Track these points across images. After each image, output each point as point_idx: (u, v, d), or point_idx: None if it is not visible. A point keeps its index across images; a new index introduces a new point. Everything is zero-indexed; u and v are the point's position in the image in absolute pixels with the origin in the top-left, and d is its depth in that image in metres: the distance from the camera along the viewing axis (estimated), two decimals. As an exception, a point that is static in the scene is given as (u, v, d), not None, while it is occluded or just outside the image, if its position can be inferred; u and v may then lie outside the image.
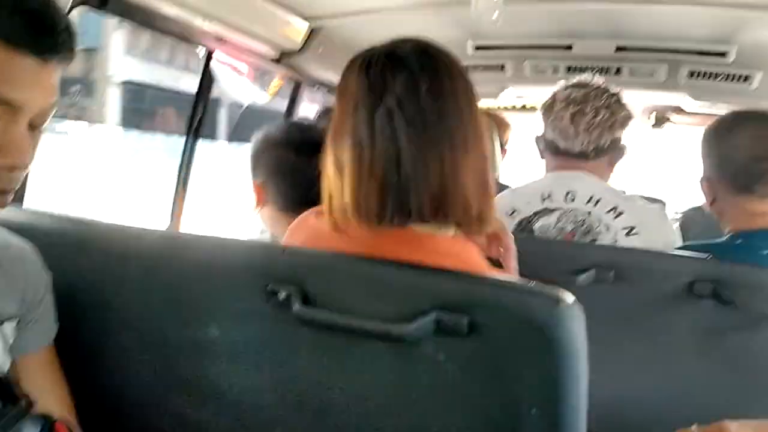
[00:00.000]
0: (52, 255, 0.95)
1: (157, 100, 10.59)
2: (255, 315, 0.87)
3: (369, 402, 0.83)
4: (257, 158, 1.40)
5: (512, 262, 1.12)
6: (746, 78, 2.07)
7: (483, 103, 2.98)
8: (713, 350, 1.41)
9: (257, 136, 1.41)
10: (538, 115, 1.71)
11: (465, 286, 0.81)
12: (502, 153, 3.07)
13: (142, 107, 10.75)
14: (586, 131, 1.57)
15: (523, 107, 3.13)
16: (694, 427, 0.88)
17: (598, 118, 1.56)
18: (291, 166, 1.35)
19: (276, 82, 2.47)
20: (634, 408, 1.23)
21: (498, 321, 0.77)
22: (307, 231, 0.96)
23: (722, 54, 1.98)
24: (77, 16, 1.40)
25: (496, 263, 1.10)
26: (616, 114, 1.58)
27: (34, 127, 0.78)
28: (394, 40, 0.92)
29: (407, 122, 0.85)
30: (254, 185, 1.39)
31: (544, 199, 1.61)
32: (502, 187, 1.92)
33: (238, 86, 2.18)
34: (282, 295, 0.84)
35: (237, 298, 0.88)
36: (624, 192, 2.15)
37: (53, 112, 0.79)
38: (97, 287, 0.98)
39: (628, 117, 1.62)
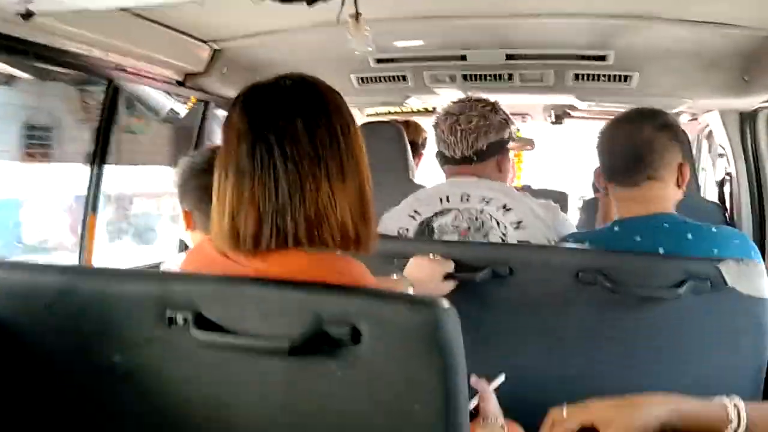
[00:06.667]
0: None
1: None
2: (156, 341, 0.92)
3: (265, 413, 0.90)
4: (183, 187, 1.44)
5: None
6: (626, 78, 2.23)
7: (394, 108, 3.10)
8: (603, 333, 1.55)
9: (181, 165, 1.45)
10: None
11: (348, 299, 0.88)
12: (418, 156, 3.19)
13: None
14: (463, 138, 1.76)
15: (434, 109, 3.25)
16: (565, 407, 0.99)
17: (472, 125, 1.75)
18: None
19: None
20: (538, 391, 1.33)
21: (380, 329, 0.85)
22: (202, 257, 1.02)
23: (602, 58, 2.14)
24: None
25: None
26: (489, 119, 1.77)
27: None
28: (277, 76, 0.99)
29: (285, 155, 0.93)
30: (183, 212, 1.44)
31: (442, 201, 1.76)
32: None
33: (156, 98, 2.18)
34: (180, 320, 0.89)
35: (139, 326, 0.93)
36: (525, 190, 2.30)
37: None
38: (3, 326, 0.99)
39: (504, 122, 1.80)
